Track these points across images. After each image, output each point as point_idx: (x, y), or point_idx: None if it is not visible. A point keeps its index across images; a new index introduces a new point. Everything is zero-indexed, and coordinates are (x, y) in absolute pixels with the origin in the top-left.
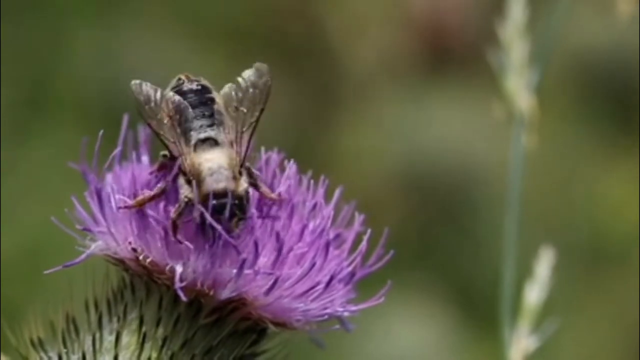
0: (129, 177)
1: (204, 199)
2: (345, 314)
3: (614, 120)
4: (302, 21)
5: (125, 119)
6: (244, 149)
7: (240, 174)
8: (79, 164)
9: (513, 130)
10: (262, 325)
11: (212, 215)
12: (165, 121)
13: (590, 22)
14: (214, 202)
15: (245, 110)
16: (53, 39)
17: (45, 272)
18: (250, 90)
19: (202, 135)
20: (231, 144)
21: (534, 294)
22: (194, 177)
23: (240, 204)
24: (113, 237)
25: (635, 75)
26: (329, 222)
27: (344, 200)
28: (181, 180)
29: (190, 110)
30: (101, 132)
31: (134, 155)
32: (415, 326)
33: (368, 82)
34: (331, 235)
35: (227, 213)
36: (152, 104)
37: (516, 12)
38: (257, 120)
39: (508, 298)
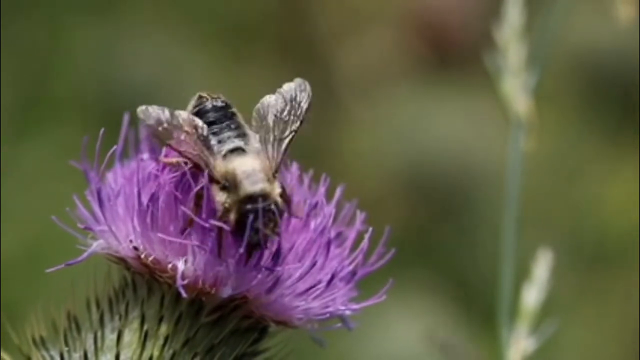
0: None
1: (242, 202)
2: (347, 312)
3: (615, 120)
4: (302, 21)
5: (126, 117)
6: (280, 155)
7: (275, 177)
8: (80, 162)
9: (510, 133)
10: (264, 324)
11: (250, 220)
12: (183, 137)
13: (590, 23)
14: (250, 206)
15: (286, 119)
16: (52, 38)
17: (48, 270)
18: (291, 101)
19: (231, 146)
20: (258, 153)
21: (532, 295)
22: (229, 182)
23: (277, 208)
24: (114, 236)
25: (636, 75)
26: (330, 220)
27: (345, 199)
28: (214, 189)
29: (206, 126)
30: (102, 130)
31: (139, 152)
32: (413, 325)
33: (368, 82)
34: (332, 233)
35: (263, 216)
36: (165, 125)
37: (513, 14)
38: (296, 131)
39: (507, 299)
